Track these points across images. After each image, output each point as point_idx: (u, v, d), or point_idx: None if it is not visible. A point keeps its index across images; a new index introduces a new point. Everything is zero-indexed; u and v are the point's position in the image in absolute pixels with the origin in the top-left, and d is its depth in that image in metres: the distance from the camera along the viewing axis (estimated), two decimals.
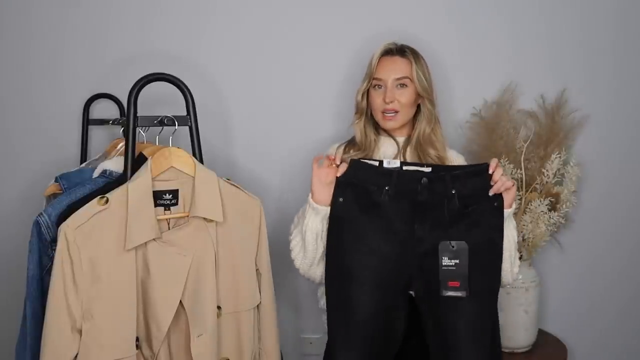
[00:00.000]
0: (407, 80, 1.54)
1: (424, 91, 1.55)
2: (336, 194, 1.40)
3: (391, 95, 1.53)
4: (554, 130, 1.84)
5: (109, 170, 1.42)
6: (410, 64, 1.55)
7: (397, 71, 1.55)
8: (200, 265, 1.31)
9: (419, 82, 1.55)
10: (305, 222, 1.43)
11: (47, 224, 1.29)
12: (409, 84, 1.55)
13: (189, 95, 1.40)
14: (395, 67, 1.55)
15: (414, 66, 1.55)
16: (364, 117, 1.61)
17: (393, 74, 1.54)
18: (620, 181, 1.95)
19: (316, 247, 1.44)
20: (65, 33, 1.86)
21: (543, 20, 1.89)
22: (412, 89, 1.55)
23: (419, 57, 1.58)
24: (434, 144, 1.57)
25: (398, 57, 1.56)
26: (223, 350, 1.36)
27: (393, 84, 1.54)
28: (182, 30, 1.87)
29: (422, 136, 1.57)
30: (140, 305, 1.27)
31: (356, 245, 1.38)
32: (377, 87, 1.57)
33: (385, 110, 1.55)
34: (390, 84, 1.54)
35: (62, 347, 1.20)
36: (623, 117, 1.92)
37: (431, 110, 1.57)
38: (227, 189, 1.38)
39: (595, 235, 1.96)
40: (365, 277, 1.37)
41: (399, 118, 1.55)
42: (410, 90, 1.55)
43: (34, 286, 1.30)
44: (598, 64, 1.90)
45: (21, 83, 1.87)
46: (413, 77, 1.54)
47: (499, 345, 1.46)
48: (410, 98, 1.55)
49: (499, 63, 1.89)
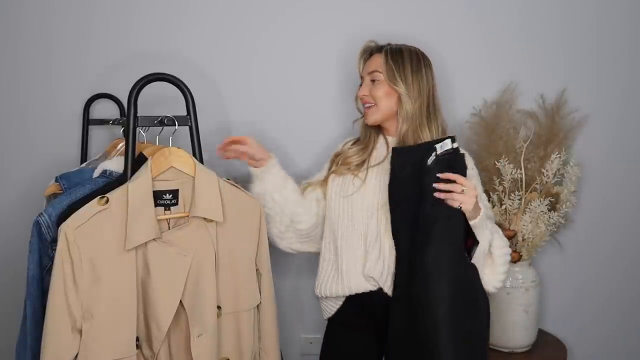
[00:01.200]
0: (377, 74, 1.56)
1: (395, 86, 1.53)
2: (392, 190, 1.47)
3: (364, 88, 1.57)
4: (554, 130, 1.84)
5: (109, 170, 1.42)
6: (382, 58, 1.56)
7: (370, 66, 1.58)
8: (200, 265, 1.31)
9: (388, 76, 1.53)
10: (256, 192, 1.54)
11: (48, 224, 1.29)
12: (381, 78, 1.55)
13: (189, 95, 1.40)
14: (370, 63, 1.59)
15: (383, 60, 1.55)
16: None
17: (367, 69, 1.59)
18: (621, 181, 1.95)
19: (273, 206, 1.54)
20: (65, 33, 1.86)
21: (543, 21, 1.89)
22: (384, 83, 1.55)
23: (399, 54, 1.56)
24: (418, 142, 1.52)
25: (376, 54, 1.59)
26: (223, 350, 1.36)
27: (368, 79, 1.58)
28: (182, 30, 1.87)
29: (403, 135, 1.54)
30: (141, 305, 1.27)
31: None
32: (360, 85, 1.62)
33: (363, 104, 1.59)
34: (366, 79, 1.58)
35: (62, 347, 1.20)
36: (623, 117, 1.93)
37: (408, 110, 1.53)
38: (227, 189, 1.38)
39: (595, 235, 1.96)
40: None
41: (375, 111, 1.56)
42: (383, 85, 1.55)
43: (34, 286, 1.31)
44: (598, 64, 1.90)
45: (21, 83, 1.87)
46: (382, 70, 1.55)
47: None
48: (383, 92, 1.55)
49: (499, 63, 1.89)
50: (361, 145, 1.62)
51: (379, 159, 1.58)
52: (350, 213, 1.54)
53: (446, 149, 1.39)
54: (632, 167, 1.95)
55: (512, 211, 1.78)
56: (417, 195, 1.41)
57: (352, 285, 1.52)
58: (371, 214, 1.52)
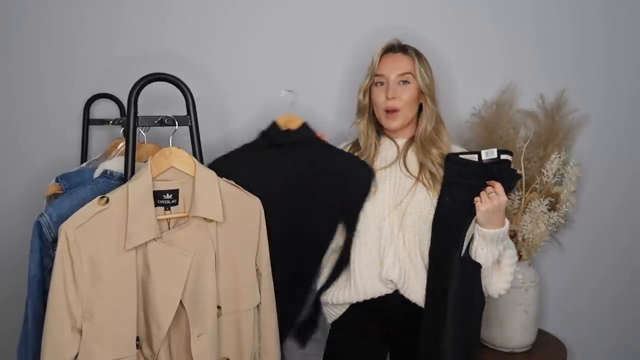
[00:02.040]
0: (409, 76, 1.53)
1: (426, 88, 1.54)
2: (442, 194, 1.48)
3: (393, 91, 1.52)
4: (554, 130, 1.84)
5: (109, 171, 1.42)
6: (413, 60, 1.54)
7: (400, 67, 1.53)
8: (200, 265, 1.31)
9: (422, 79, 1.53)
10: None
11: (48, 224, 1.29)
12: (412, 81, 1.53)
13: (189, 95, 1.40)
14: (397, 64, 1.54)
15: (416, 62, 1.54)
16: (366, 116, 1.60)
17: (396, 70, 1.53)
18: (620, 181, 1.95)
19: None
20: (65, 33, 1.86)
21: (543, 21, 1.89)
22: (414, 85, 1.54)
23: (421, 55, 1.58)
24: (436, 142, 1.55)
25: (400, 54, 1.56)
26: (223, 350, 1.36)
27: (395, 80, 1.53)
28: (183, 30, 1.87)
29: (425, 135, 1.56)
30: (141, 305, 1.27)
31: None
32: (379, 84, 1.56)
33: (387, 109, 1.53)
34: (393, 80, 1.53)
35: (63, 347, 1.20)
36: (623, 117, 1.93)
37: (433, 109, 1.56)
38: (227, 189, 1.38)
39: (595, 235, 1.96)
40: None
41: (400, 116, 1.54)
42: (413, 87, 1.54)
43: (35, 286, 1.31)
44: (598, 64, 1.90)
45: (21, 83, 1.87)
46: (416, 73, 1.53)
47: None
48: (412, 95, 1.53)
49: (499, 63, 1.89)
50: (363, 151, 1.59)
51: (389, 160, 1.57)
52: (363, 219, 1.52)
53: (492, 157, 1.44)
54: (632, 167, 1.95)
55: (512, 211, 1.78)
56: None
57: (368, 290, 1.50)
58: (383, 217, 1.51)
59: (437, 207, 1.49)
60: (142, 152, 1.44)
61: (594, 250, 1.98)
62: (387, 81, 1.54)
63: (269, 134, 1.54)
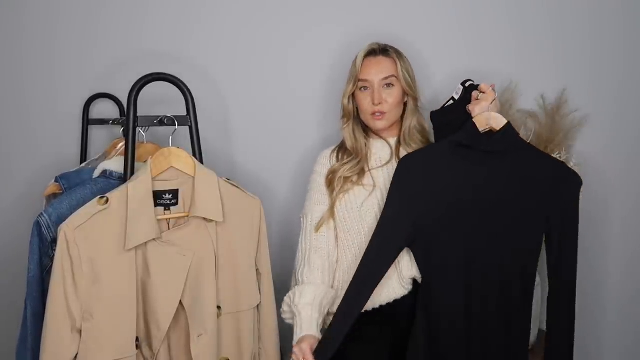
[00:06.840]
0: (393, 79, 1.54)
1: (409, 88, 1.55)
2: (437, 140, 1.55)
3: (379, 96, 1.52)
4: (554, 130, 1.83)
5: (109, 170, 1.42)
6: (395, 62, 1.55)
7: (383, 71, 1.54)
8: (200, 265, 1.31)
9: (405, 80, 1.55)
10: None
11: (48, 224, 1.29)
12: (395, 83, 1.54)
13: (189, 95, 1.40)
14: (380, 68, 1.54)
15: (398, 65, 1.54)
16: (351, 120, 1.59)
17: (380, 75, 1.53)
18: (621, 181, 1.95)
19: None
20: (65, 33, 1.86)
21: (543, 20, 1.89)
22: (398, 87, 1.55)
23: (401, 55, 1.58)
24: (422, 132, 1.61)
25: (382, 57, 1.56)
26: (223, 350, 1.36)
27: (380, 85, 1.53)
28: (182, 30, 1.87)
29: (410, 131, 1.58)
30: (140, 305, 1.27)
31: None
32: (363, 89, 1.55)
33: (374, 112, 1.53)
34: (377, 84, 1.53)
35: (62, 347, 1.20)
36: (623, 117, 1.92)
37: (415, 105, 1.59)
38: (227, 189, 1.38)
39: (595, 235, 1.96)
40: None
41: (387, 118, 1.55)
42: (397, 89, 1.55)
43: (34, 286, 1.31)
44: (598, 64, 1.90)
45: (21, 83, 1.87)
46: (399, 75, 1.54)
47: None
48: (397, 97, 1.54)
49: (499, 63, 1.89)
50: (352, 155, 1.57)
51: (384, 159, 1.57)
52: (369, 223, 1.51)
53: (461, 91, 1.53)
54: (632, 167, 1.94)
55: None
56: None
57: (383, 295, 1.47)
58: None
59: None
60: (142, 152, 1.44)
61: (593, 250, 1.97)
62: (371, 86, 1.54)
63: (467, 135, 1.44)
